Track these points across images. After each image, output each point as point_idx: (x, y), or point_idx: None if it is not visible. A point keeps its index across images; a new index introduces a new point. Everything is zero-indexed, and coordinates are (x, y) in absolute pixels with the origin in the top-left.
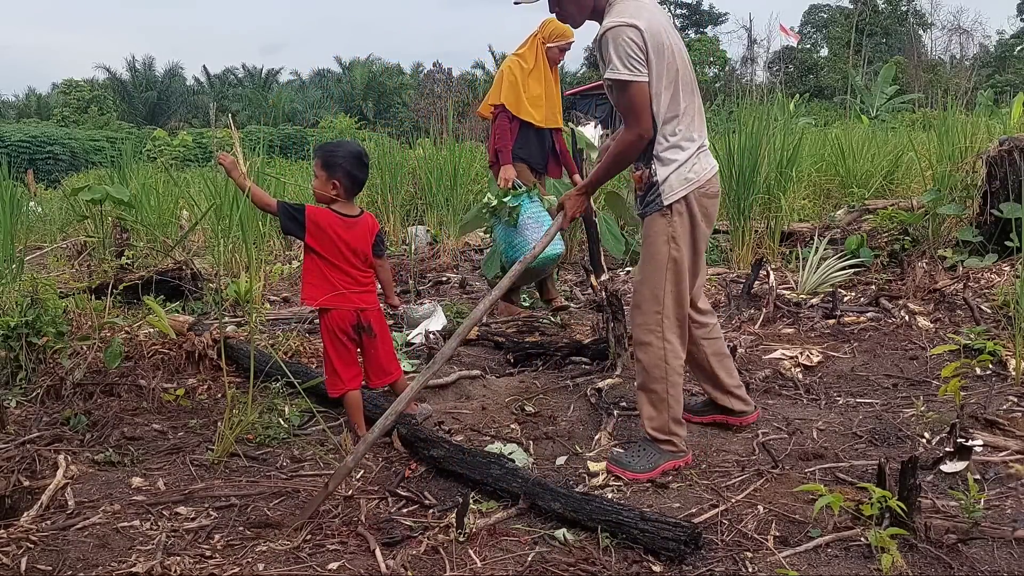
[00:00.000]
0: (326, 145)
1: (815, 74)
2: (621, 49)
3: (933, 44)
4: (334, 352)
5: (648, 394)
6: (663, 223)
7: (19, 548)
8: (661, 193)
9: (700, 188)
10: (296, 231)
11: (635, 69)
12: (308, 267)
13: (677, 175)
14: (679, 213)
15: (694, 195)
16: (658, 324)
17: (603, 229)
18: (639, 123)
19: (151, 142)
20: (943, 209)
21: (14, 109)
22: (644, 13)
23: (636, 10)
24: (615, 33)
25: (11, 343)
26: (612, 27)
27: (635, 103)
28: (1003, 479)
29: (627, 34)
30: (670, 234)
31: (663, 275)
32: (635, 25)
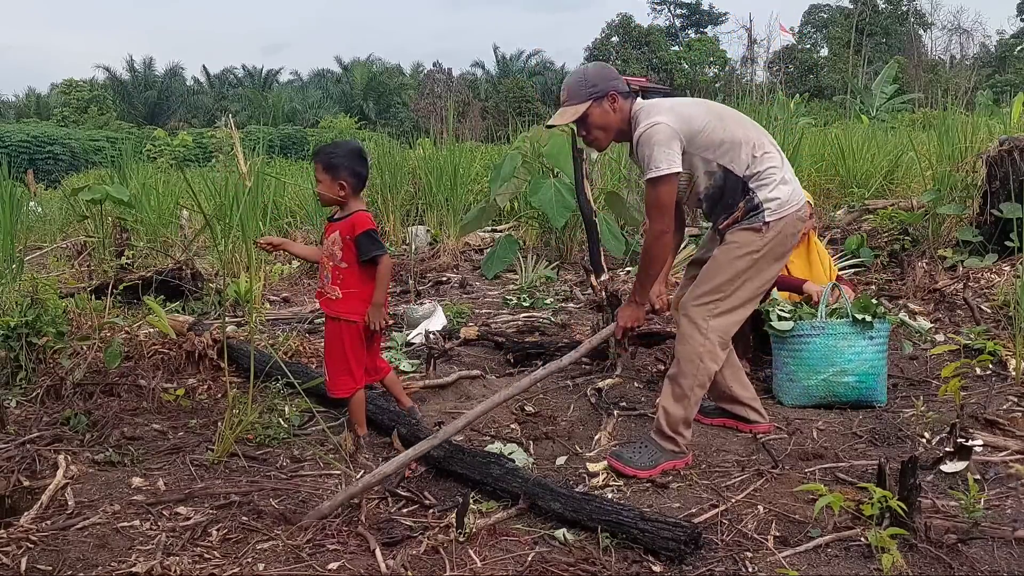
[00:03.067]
0: (324, 148)
1: (815, 74)
2: (655, 148)
3: (933, 44)
4: (353, 354)
5: (674, 386)
6: (755, 237)
7: (19, 548)
8: (765, 211)
9: (797, 211)
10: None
11: (671, 160)
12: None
13: (783, 193)
14: (774, 230)
15: (790, 217)
16: (705, 321)
17: (603, 229)
18: (662, 220)
19: (151, 142)
20: (943, 209)
21: (14, 109)
22: (664, 105)
23: (657, 110)
24: (647, 136)
25: (11, 343)
26: (643, 131)
27: (662, 198)
28: (1003, 479)
29: (659, 133)
30: (757, 246)
31: (731, 280)
32: (660, 122)
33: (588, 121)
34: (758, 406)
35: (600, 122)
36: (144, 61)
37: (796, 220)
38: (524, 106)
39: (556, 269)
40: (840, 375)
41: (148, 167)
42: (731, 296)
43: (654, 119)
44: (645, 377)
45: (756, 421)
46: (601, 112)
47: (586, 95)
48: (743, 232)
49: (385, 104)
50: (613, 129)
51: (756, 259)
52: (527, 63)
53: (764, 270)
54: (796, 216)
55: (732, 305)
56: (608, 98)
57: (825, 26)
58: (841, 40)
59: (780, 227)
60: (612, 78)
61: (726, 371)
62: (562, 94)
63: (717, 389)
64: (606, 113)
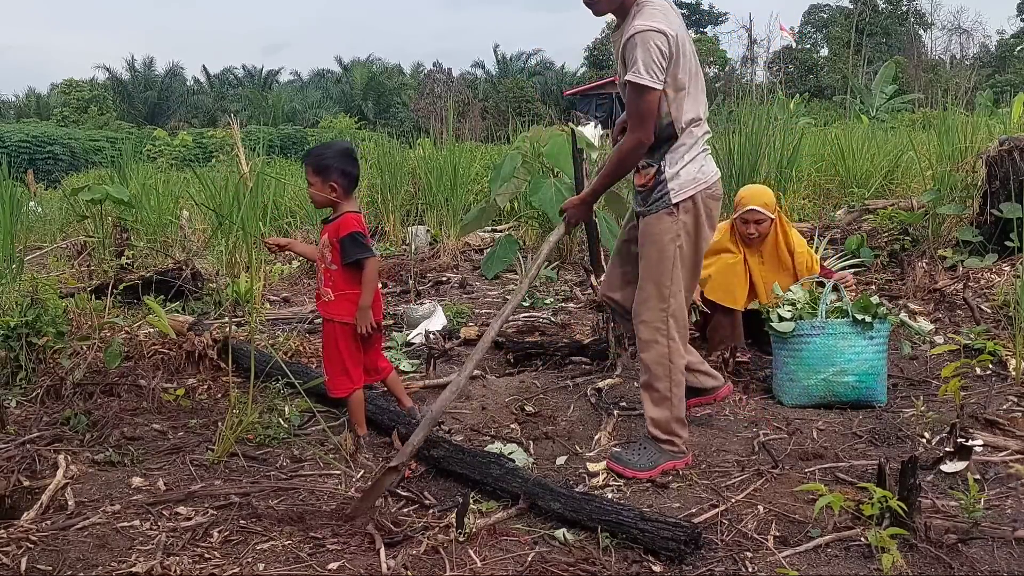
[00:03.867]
0: (313, 150)
1: (815, 74)
2: (649, 55)
3: (933, 44)
4: (348, 353)
5: (651, 392)
6: (669, 221)
7: (19, 548)
8: (669, 191)
9: (707, 189)
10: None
11: (656, 77)
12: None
13: (687, 172)
14: (686, 211)
15: (701, 195)
16: (663, 323)
17: (603, 229)
18: (643, 129)
19: (151, 142)
20: (943, 209)
21: (14, 109)
22: (672, 18)
23: (664, 15)
24: (644, 37)
25: (11, 343)
26: (643, 31)
27: (645, 110)
28: (1003, 479)
29: (656, 40)
30: (676, 232)
31: (669, 274)
32: (665, 32)
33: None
34: (708, 368)
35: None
36: (144, 61)
37: (707, 199)
38: (524, 106)
39: (556, 269)
40: (840, 375)
41: (148, 167)
42: (675, 287)
43: (660, 25)
44: None
45: (714, 387)
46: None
47: None
48: (657, 219)
49: (385, 104)
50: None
51: (680, 244)
52: (527, 63)
53: (695, 246)
54: (706, 195)
55: (679, 298)
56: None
57: (825, 26)
58: (841, 40)
59: (690, 207)
60: None
61: None
62: None
63: None
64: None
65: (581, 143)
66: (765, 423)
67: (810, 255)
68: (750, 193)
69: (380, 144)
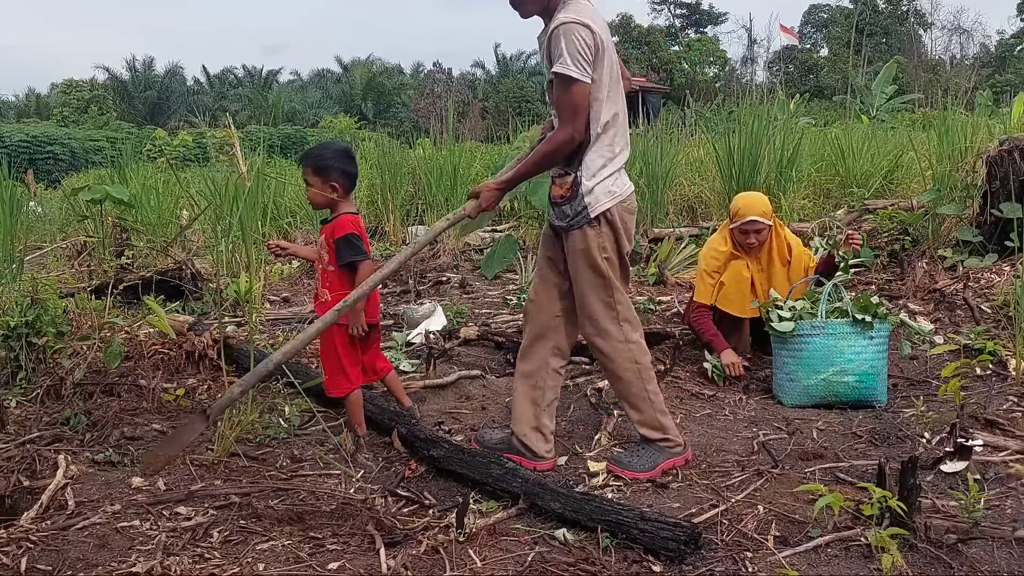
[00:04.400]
0: (311, 151)
1: (815, 74)
2: (573, 46)
3: (933, 44)
4: (345, 353)
5: (629, 399)
6: (592, 235)
7: (19, 548)
8: (587, 206)
9: (622, 202)
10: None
11: (583, 69)
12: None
13: (602, 187)
14: (607, 223)
15: (617, 208)
16: (618, 329)
17: None
18: (574, 123)
19: (151, 142)
20: (943, 209)
21: (14, 109)
22: (597, 17)
23: (590, 13)
24: (569, 29)
25: (11, 343)
26: (568, 23)
27: (577, 103)
28: (1003, 479)
29: (582, 33)
30: (600, 244)
31: (607, 282)
32: (589, 26)
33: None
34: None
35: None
36: (144, 61)
37: (623, 212)
38: (524, 106)
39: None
40: (840, 375)
41: (148, 167)
42: (615, 293)
43: (585, 19)
44: None
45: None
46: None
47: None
48: (581, 234)
49: (385, 104)
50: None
51: (608, 256)
52: (527, 63)
53: (619, 249)
54: (621, 208)
55: (621, 301)
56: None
57: (825, 26)
58: (841, 40)
59: (609, 218)
60: None
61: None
62: None
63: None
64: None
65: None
66: (765, 423)
67: (807, 254)
68: (747, 203)
69: (380, 144)
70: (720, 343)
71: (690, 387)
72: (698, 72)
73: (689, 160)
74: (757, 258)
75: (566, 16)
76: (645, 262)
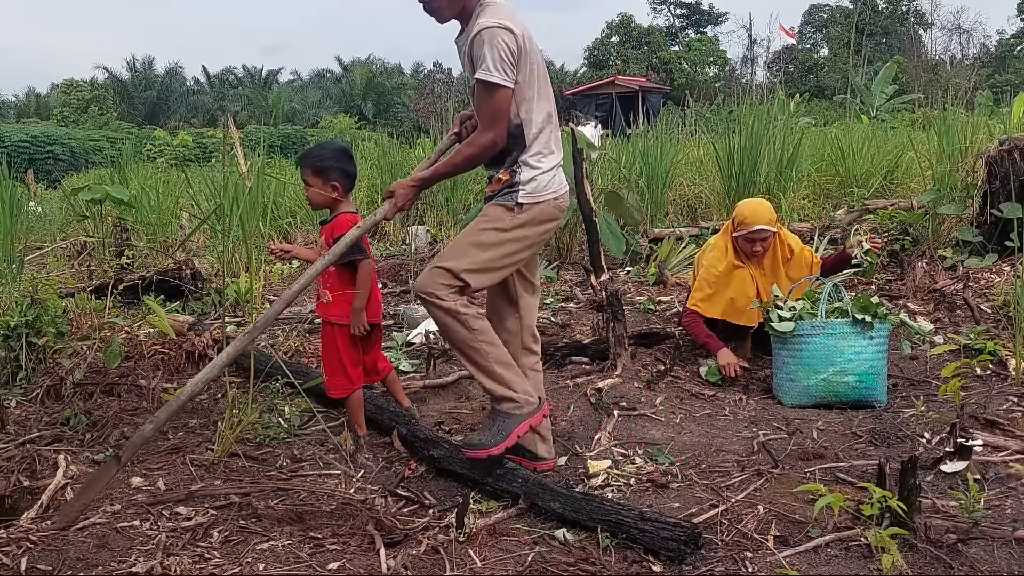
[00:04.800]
0: (310, 152)
1: (815, 74)
2: (496, 51)
3: (933, 44)
4: (346, 353)
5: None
6: (505, 214)
7: (19, 548)
8: (519, 191)
9: (556, 199)
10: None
11: (505, 74)
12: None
13: (540, 180)
14: (527, 213)
15: (547, 205)
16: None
17: (603, 229)
18: (496, 128)
19: (151, 142)
20: (943, 209)
21: (14, 109)
22: (517, 18)
23: (509, 15)
24: (491, 34)
25: (11, 343)
26: (489, 27)
27: (499, 108)
28: (1003, 479)
29: (503, 37)
30: (507, 226)
31: (477, 253)
32: (511, 29)
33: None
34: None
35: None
36: (144, 61)
37: (553, 208)
38: None
39: (556, 269)
40: (840, 375)
41: (148, 167)
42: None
43: (507, 23)
44: (645, 377)
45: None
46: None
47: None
48: (495, 207)
49: (385, 104)
50: (459, 2)
51: (502, 237)
52: None
53: (510, 253)
54: (554, 204)
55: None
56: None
57: (825, 26)
58: (841, 40)
59: (534, 212)
60: None
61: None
62: None
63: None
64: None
65: (581, 143)
66: (765, 423)
67: (808, 250)
68: (753, 211)
69: (380, 144)
70: (715, 344)
71: (690, 387)
72: (698, 72)
73: (689, 160)
74: (760, 263)
75: (487, 20)
76: (645, 262)
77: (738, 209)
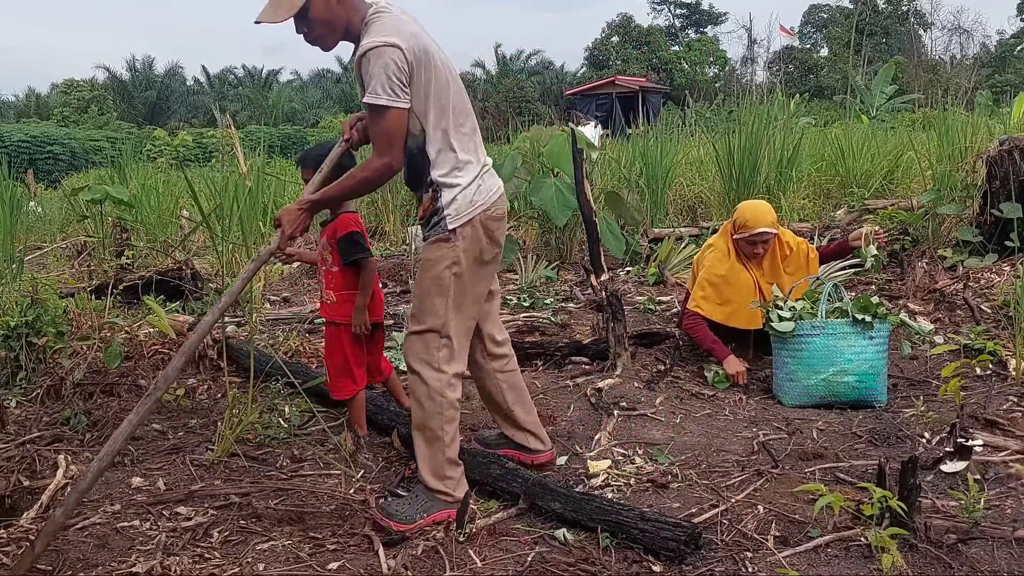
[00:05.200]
0: (310, 152)
1: (815, 74)
2: (381, 72)
3: (933, 44)
4: (352, 354)
5: (423, 431)
6: (446, 249)
7: (19, 548)
8: (446, 217)
9: (486, 211)
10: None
11: (395, 94)
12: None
13: (463, 197)
14: (463, 237)
15: (479, 218)
16: (435, 353)
17: (603, 229)
18: (390, 152)
19: (151, 142)
20: (943, 209)
21: (14, 109)
22: (406, 29)
23: (396, 28)
24: (377, 53)
25: (11, 343)
26: (372, 47)
27: (391, 130)
28: (1003, 479)
29: (388, 55)
30: (453, 259)
31: (445, 303)
32: (397, 45)
33: (310, 16)
34: (539, 431)
35: (323, 16)
36: (144, 61)
37: (487, 220)
38: (524, 106)
39: (556, 269)
40: (840, 375)
41: (148, 167)
42: (450, 320)
43: (392, 39)
44: (645, 377)
45: (538, 450)
46: (324, 5)
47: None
48: (434, 246)
49: None
50: (340, 26)
51: (458, 272)
52: (527, 63)
53: (473, 281)
54: (486, 216)
55: (454, 329)
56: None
57: (825, 26)
58: (841, 40)
59: (469, 232)
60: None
61: (509, 394)
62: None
63: (499, 411)
64: (330, 6)
65: (581, 143)
66: (765, 423)
67: (804, 242)
68: (755, 214)
69: None
70: (721, 350)
71: (690, 387)
72: (698, 72)
73: (689, 160)
74: (759, 264)
75: (370, 40)
76: (645, 262)
77: (739, 211)
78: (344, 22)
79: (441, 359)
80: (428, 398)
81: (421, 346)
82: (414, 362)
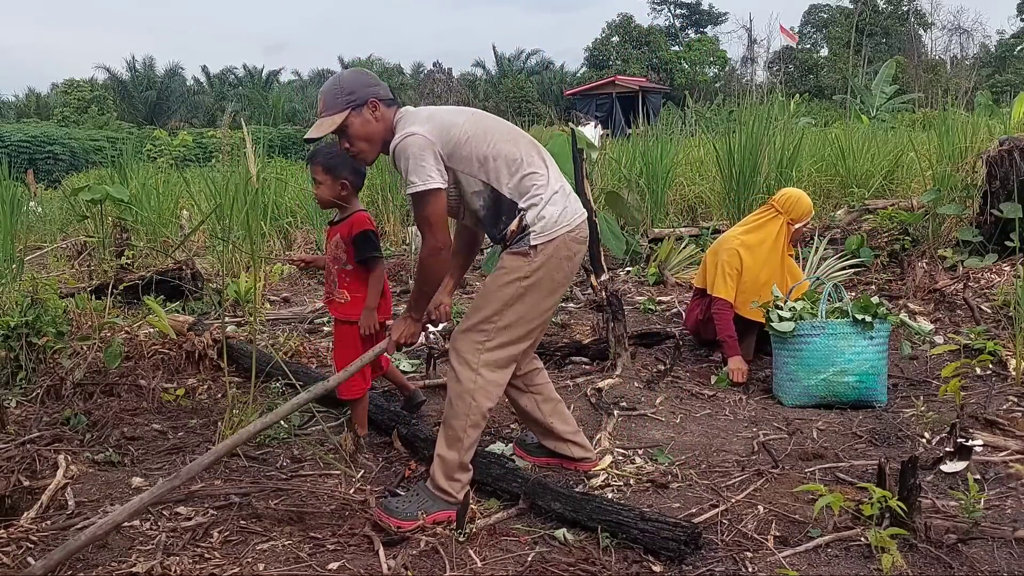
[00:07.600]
0: (320, 150)
1: (815, 74)
2: (411, 161)
3: (933, 44)
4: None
5: (447, 428)
6: (522, 261)
7: (19, 548)
8: (531, 234)
9: (571, 232)
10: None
11: (428, 176)
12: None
13: (550, 213)
14: (543, 254)
15: (564, 238)
16: (475, 357)
17: (603, 229)
18: (435, 235)
19: (151, 142)
20: (943, 209)
21: (14, 109)
22: (422, 115)
23: (413, 119)
24: (400, 149)
25: (11, 343)
26: (397, 143)
27: (429, 215)
28: (1003, 479)
29: (412, 146)
30: (525, 273)
31: (502, 312)
32: (414, 132)
33: (349, 132)
34: (581, 440)
35: (362, 132)
36: (144, 61)
37: (570, 242)
38: (524, 106)
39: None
40: (840, 375)
41: (148, 167)
42: (502, 330)
43: (409, 130)
44: (645, 377)
45: (584, 458)
46: (362, 122)
47: (343, 104)
48: (510, 257)
49: None
50: (378, 140)
51: (525, 287)
52: (527, 63)
53: (538, 300)
54: (569, 238)
55: (503, 340)
56: (368, 106)
57: (825, 26)
58: (841, 40)
59: (550, 251)
60: (371, 84)
61: (544, 406)
62: (319, 104)
63: (538, 425)
64: (367, 122)
65: (581, 143)
66: (765, 423)
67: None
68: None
69: None
70: (733, 347)
71: (690, 387)
72: (698, 72)
73: (689, 160)
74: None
75: (396, 140)
76: (645, 262)
77: (798, 199)
78: (382, 136)
79: (481, 363)
80: (458, 397)
81: (464, 345)
82: (453, 358)
